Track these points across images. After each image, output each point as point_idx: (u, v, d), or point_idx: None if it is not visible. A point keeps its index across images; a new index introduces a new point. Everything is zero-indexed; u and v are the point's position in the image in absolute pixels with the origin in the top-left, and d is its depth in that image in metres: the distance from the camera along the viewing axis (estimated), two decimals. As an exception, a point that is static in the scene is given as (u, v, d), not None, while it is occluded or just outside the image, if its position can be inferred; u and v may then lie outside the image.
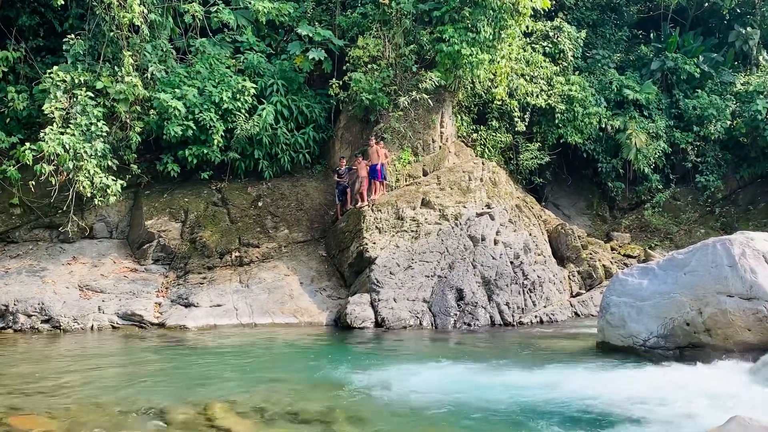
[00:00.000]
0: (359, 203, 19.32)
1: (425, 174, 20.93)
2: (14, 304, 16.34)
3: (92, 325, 16.49)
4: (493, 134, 24.03)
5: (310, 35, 20.91)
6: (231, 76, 19.76)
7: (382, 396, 10.30)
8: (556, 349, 14.63)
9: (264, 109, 19.76)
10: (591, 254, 21.71)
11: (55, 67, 17.89)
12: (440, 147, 21.49)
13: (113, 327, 16.63)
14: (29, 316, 16.27)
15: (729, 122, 26.79)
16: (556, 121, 24.79)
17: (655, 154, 25.89)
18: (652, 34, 29.92)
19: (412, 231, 18.96)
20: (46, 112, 17.32)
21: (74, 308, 16.66)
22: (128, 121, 18.60)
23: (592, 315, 18.68)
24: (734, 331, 12.31)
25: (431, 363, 12.74)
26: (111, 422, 8.77)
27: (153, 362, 13.35)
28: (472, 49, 19.56)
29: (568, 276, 20.76)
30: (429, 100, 20.22)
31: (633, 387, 10.56)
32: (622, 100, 26.38)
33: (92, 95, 17.80)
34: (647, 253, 23.33)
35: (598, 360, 13.02)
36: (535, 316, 18.47)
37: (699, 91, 27.28)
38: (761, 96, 26.72)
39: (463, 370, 12.14)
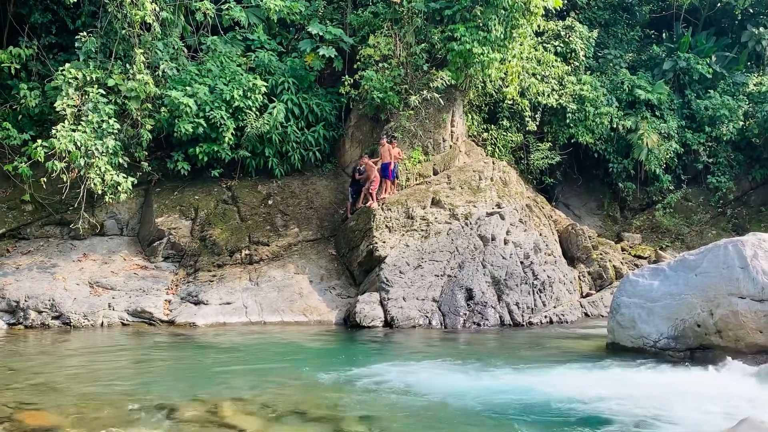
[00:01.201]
0: (369, 202, 19.31)
1: (435, 173, 20.90)
2: (25, 300, 16.42)
3: (102, 322, 16.55)
4: (504, 134, 23.98)
5: (321, 33, 20.93)
6: (242, 74, 19.78)
7: (390, 395, 10.30)
8: (565, 350, 14.59)
9: (275, 107, 19.78)
10: (601, 255, 21.65)
11: (67, 65, 17.94)
12: (451, 146, 21.46)
13: (123, 324, 16.69)
14: (40, 312, 16.34)
15: (741, 123, 26.64)
16: (567, 121, 24.70)
17: (667, 154, 25.76)
18: (664, 34, 29.76)
19: (422, 230, 18.94)
20: (57, 110, 17.36)
21: (84, 305, 16.72)
22: (139, 118, 18.64)
23: (602, 316, 18.63)
24: (745, 332, 12.26)
25: (440, 363, 12.72)
26: (121, 419, 8.80)
27: (162, 359, 13.39)
28: (484, 48, 19.51)
29: (579, 276, 20.71)
30: (440, 99, 20.18)
31: (642, 388, 10.52)
32: (633, 100, 26.27)
33: (104, 93, 17.84)
34: (658, 254, 23.23)
35: (607, 361, 12.97)
36: (545, 317, 18.43)
37: (711, 91, 27.14)
38: (774, 97, 26.61)
39: (471, 370, 12.11)
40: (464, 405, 9.79)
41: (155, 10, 18.36)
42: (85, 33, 18.42)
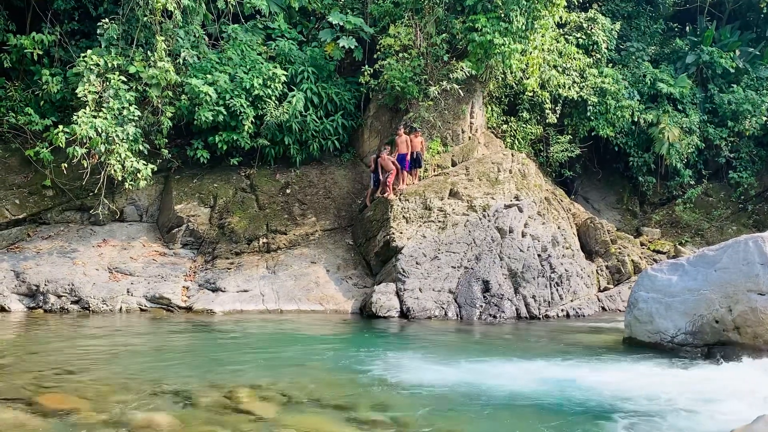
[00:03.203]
0: (386, 193, 19.29)
1: (454, 164, 20.86)
2: (45, 285, 16.59)
3: (121, 307, 16.71)
4: (524, 126, 23.88)
5: (342, 23, 20.91)
6: (262, 63, 19.82)
7: (404, 385, 10.32)
8: (581, 344, 14.53)
9: (294, 96, 19.81)
10: (620, 249, 21.53)
11: (89, 51, 18.04)
12: (470, 138, 21.39)
13: (141, 309, 16.83)
14: (59, 296, 16.51)
15: (765, 118, 26.36)
16: (588, 114, 24.57)
17: (688, 149, 25.57)
18: (687, 28, 29.48)
19: (440, 221, 18.92)
20: (79, 96, 17.48)
21: (103, 290, 16.88)
22: (160, 105, 18.73)
23: (620, 310, 18.55)
24: (764, 329, 12.15)
25: (455, 354, 12.73)
26: (138, 403, 8.87)
27: (180, 345, 13.49)
28: (505, 39, 19.41)
29: (596, 270, 20.61)
30: (459, 90, 20.11)
31: (659, 383, 10.47)
32: (655, 94, 26.07)
33: (125, 79, 17.93)
34: (677, 249, 23.09)
35: (623, 355, 12.92)
36: (562, 310, 18.38)
37: (734, 86, 26.87)
38: (798, 92, 26.31)
39: (486, 361, 12.11)
40: (478, 396, 9.79)
41: (177, -3, 18.42)
42: (107, 20, 18.50)
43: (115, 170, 17.40)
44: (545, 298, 18.30)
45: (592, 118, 24.65)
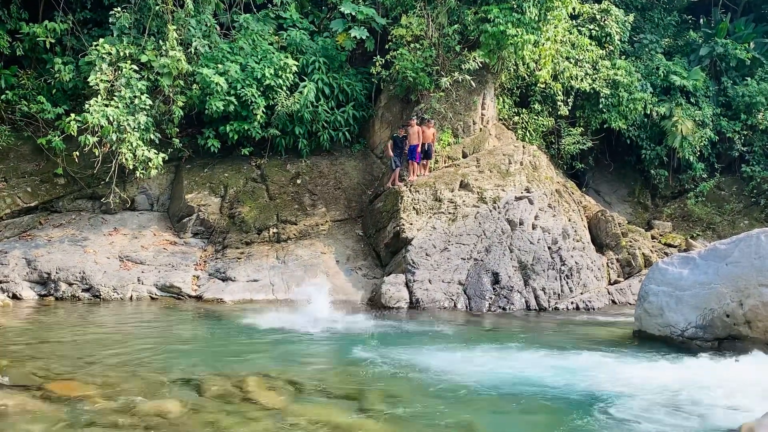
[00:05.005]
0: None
1: (465, 156, 20.79)
2: (56, 273, 16.67)
3: (131, 296, 16.78)
4: (535, 117, 23.76)
5: (353, 13, 20.84)
6: (273, 53, 19.79)
7: (413, 376, 10.32)
8: (591, 336, 14.50)
9: (305, 86, 19.78)
10: (631, 242, 21.43)
11: (101, 40, 18.08)
12: (481, 129, 21.32)
13: (151, 298, 16.90)
14: (70, 284, 16.60)
15: (778, 111, 26.17)
16: (600, 106, 24.42)
17: (701, 142, 25.41)
18: (701, 20, 29.25)
19: (450, 213, 18.89)
20: (91, 84, 17.53)
21: (114, 278, 16.95)
22: (171, 95, 18.76)
23: (630, 303, 18.49)
24: (776, 324, 12.07)
25: (465, 346, 12.72)
26: (147, 390, 8.92)
27: (189, 334, 13.55)
28: (517, 30, 19.29)
29: (607, 263, 20.53)
30: (471, 81, 20.03)
31: (668, 377, 10.44)
32: (668, 87, 25.90)
33: (137, 68, 17.96)
34: (689, 242, 22.97)
35: (632, 348, 12.88)
36: (572, 303, 18.33)
37: (748, 78, 26.66)
38: (813, 85, 26.06)
39: (495, 353, 12.10)
40: (486, 387, 9.79)
41: (189, -14, 18.41)
42: (119, 9, 18.53)
43: (126, 159, 17.46)
44: (555, 291, 18.26)
45: (605, 110, 24.50)
